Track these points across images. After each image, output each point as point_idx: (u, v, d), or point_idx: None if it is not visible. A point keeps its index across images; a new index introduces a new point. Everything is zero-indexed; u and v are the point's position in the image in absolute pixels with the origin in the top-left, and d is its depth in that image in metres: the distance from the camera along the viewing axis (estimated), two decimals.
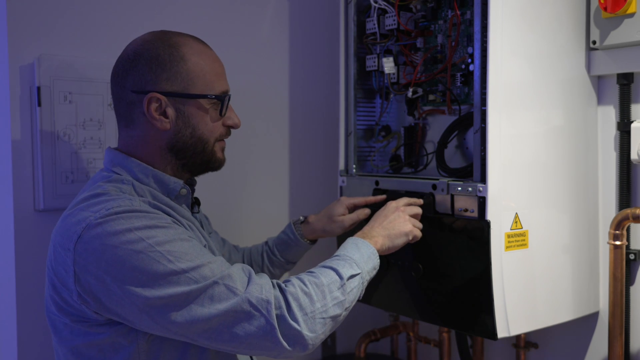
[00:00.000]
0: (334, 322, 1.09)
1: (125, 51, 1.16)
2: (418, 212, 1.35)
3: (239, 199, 1.78)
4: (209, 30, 1.66)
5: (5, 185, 1.41)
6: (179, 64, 1.12)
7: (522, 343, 1.63)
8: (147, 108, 1.12)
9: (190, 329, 1.01)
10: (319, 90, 1.90)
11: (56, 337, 1.11)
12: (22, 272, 1.40)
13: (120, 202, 1.04)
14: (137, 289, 0.98)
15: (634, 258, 1.42)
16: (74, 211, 1.06)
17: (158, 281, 0.99)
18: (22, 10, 1.39)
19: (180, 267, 1.00)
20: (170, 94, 1.12)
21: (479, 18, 1.29)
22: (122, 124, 1.17)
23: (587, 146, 1.47)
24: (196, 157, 1.17)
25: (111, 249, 0.99)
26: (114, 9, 1.52)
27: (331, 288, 1.09)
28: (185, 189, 1.17)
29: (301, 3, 1.86)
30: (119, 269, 0.99)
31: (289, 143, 1.87)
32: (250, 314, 1.01)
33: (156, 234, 1.01)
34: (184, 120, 1.14)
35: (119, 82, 1.15)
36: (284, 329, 1.02)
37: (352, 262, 1.15)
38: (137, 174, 1.13)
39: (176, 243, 1.02)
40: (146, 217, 1.03)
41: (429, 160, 1.55)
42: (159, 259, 0.99)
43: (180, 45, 1.14)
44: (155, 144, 1.15)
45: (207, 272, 1.01)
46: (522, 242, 1.32)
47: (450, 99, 1.48)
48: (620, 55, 1.39)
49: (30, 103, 1.40)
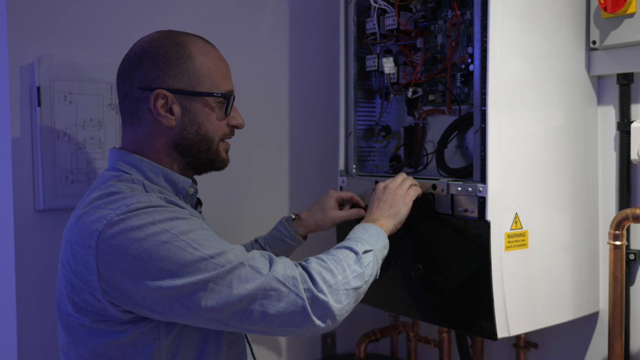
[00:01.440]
0: (357, 294, 1.13)
1: (132, 49, 1.17)
2: (406, 184, 1.37)
3: (239, 199, 1.78)
4: (209, 30, 1.65)
5: (5, 185, 1.41)
6: (186, 62, 1.14)
7: (522, 343, 1.64)
8: (154, 104, 1.12)
9: (222, 312, 1.02)
10: (319, 90, 1.90)
11: (70, 338, 1.10)
12: (22, 272, 1.40)
13: (139, 198, 1.05)
14: (166, 279, 1.00)
15: (634, 258, 1.42)
16: (89, 209, 1.05)
17: (187, 269, 1.00)
18: (22, 10, 1.39)
19: (207, 254, 1.02)
20: (177, 91, 1.13)
21: (479, 18, 1.29)
22: (128, 121, 1.17)
23: (587, 146, 1.47)
24: (201, 156, 1.18)
25: (136, 242, 1.00)
26: (114, 9, 1.52)
27: (349, 262, 1.14)
28: (193, 187, 1.19)
29: (301, 3, 1.86)
30: (146, 260, 1.00)
31: (289, 143, 1.87)
32: (279, 290, 1.04)
33: (178, 224, 1.03)
34: (190, 117, 1.15)
35: (126, 79, 1.15)
36: (313, 303, 1.06)
37: (364, 241, 1.20)
38: (147, 173, 1.14)
39: (198, 232, 1.04)
40: (166, 211, 1.05)
41: (429, 160, 1.55)
42: (185, 247, 1.01)
43: (188, 44, 1.15)
44: (161, 140, 1.15)
45: (231, 257, 1.04)
46: (522, 242, 1.32)
47: (450, 99, 1.48)
48: (620, 55, 1.39)
49: (30, 103, 1.40)
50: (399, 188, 1.35)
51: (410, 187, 1.37)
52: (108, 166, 1.18)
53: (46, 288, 1.42)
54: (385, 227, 1.28)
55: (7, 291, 1.43)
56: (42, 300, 1.42)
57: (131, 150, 1.16)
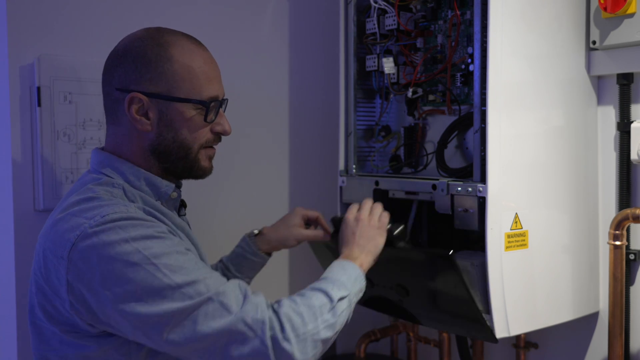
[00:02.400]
0: (324, 345, 1.07)
1: (116, 46, 1.13)
2: (377, 213, 1.31)
3: (239, 199, 1.78)
4: (209, 30, 1.66)
5: (5, 185, 1.41)
6: (164, 65, 1.07)
7: (522, 343, 1.63)
8: (128, 108, 1.07)
9: (183, 348, 0.99)
10: (319, 91, 1.90)
11: (42, 345, 1.07)
12: (22, 272, 1.40)
13: (115, 208, 1.01)
14: (130, 303, 0.96)
15: (634, 258, 1.42)
16: (65, 216, 1.02)
17: (153, 296, 0.96)
18: (22, 11, 1.39)
19: (176, 282, 0.97)
20: (153, 95, 1.07)
21: (478, 18, 1.29)
22: (109, 120, 1.13)
23: (587, 146, 1.47)
24: (178, 163, 1.12)
25: (106, 261, 0.96)
26: (114, 9, 1.52)
27: (322, 310, 1.07)
28: (176, 192, 1.15)
29: (301, 3, 1.86)
30: (114, 281, 0.96)
31: (289, 143, 1.87)
32: (245, 334, 0.99)
33: (152, 245, 0.99)
34: (167, 123, 1.09)
35: (106, 78, 1.11)
36: (277, 352, 1.00)
37: (340, 285, 1.13)
38: (129, 177, 1.10)
39: (172, 255, 1.00)
40: (142, 226, 1.00)
41: (428, 160, 1.55)
42: (155, 272, 0.97)
43: (170, 45, 1.09)
44: (139, 144, 1.11)
45: (202, 288, 0.99)
46: (522, 242, 1.32)
47: (450, 99, 1.48)
48: (620, 55, 1.39)
49: (30, 103, 1.40)
50: (372, 218, 1.29)
51: (381, 214, 1.31)
52: (90, 167, 1.14)
53: None
54: (365, 265, 1.22)
55: (7, 291, 1.43)
56: None
57: (112, 151, 1.12)
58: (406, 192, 1.48)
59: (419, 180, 1.42)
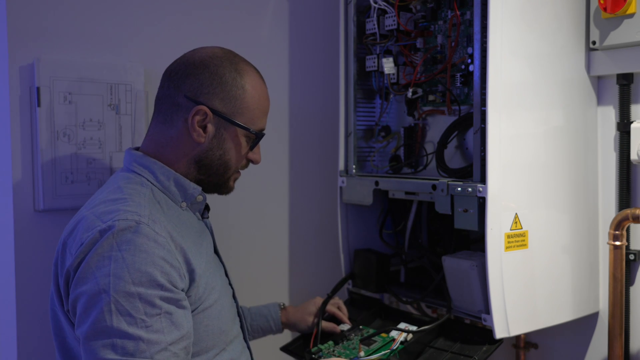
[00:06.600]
0: None
1: (191, 55, 1.19)
2: None
3: (238, 199, 1.78)
4: (209, 30, 1.66)
5: (5, 185, 1.41)
6: (237, 91, 1.17)
7: (522, 343, 1.64)
8: (192, 117, 1.14)
9: None
10: (318, 91, 1.90)
11: (58, 330, 1.12)
12: (22, 272, 1.40)
13: (126, 214, 1.03)
14: (83, 327, 0.99)
15: (634, 258, 1.42)
16: (91, 213, 1.06)
17: (102, 334, 0.97)
18: (21, 11, 1.39)
19: (133, 333, 0.97)
20: (218, 113, 1.15)
21: (478, 18, 1.29)
22: (160, 119, 1.19)
23: (587, 146, 1.47)
24: (214, 178, 1.20)
25: (87, 276, 1.00)
26: (114, 9, 1.52)
27: None
28: (202, 195, 1.20)
29: (301, 3, 1.86)
30: (84, 300, 1.00)
31: (289, 143, 1.87)
32: None
33: (136, 277, 0.99)
34: (219, 141, 1.17)
35: (175, 81, 1.17)
36: None
37: None
38: (159, 176, 1.15)
39: (149, 298, 0.99)
40: (138, 249, 1.00)
41: (428, 160, 1.55)
42: (118, 309, 0.97)
43: (245, 74, 1.18)
44: (185, 150, 1.17)
45: (150, 354, 0.98)
46: (522, 243, 1.32)
47: (450, 99, 1.48)
48: (620, 55, 1.39)
49: (30, 103, 1.40)
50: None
51: None
52: (123, 166, 1.20)
53: (46, 288, 1.41)
54: None
55: (7, 291, 1.43)
56: (42, 300, 1.42)
57: (151, 149, 1.18)
58: (406, 192, 1.48)
59: (419, 180, 1.42)
